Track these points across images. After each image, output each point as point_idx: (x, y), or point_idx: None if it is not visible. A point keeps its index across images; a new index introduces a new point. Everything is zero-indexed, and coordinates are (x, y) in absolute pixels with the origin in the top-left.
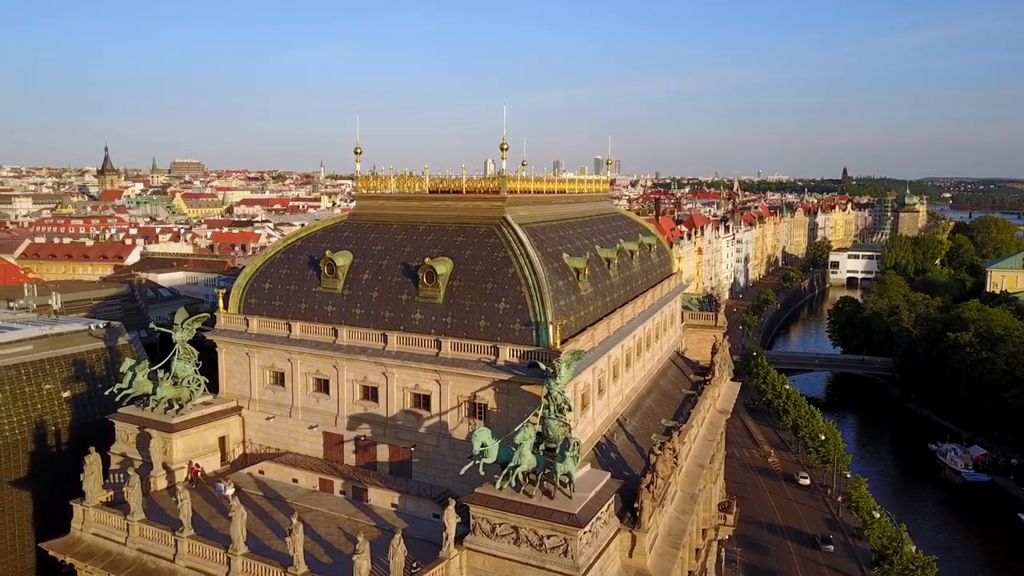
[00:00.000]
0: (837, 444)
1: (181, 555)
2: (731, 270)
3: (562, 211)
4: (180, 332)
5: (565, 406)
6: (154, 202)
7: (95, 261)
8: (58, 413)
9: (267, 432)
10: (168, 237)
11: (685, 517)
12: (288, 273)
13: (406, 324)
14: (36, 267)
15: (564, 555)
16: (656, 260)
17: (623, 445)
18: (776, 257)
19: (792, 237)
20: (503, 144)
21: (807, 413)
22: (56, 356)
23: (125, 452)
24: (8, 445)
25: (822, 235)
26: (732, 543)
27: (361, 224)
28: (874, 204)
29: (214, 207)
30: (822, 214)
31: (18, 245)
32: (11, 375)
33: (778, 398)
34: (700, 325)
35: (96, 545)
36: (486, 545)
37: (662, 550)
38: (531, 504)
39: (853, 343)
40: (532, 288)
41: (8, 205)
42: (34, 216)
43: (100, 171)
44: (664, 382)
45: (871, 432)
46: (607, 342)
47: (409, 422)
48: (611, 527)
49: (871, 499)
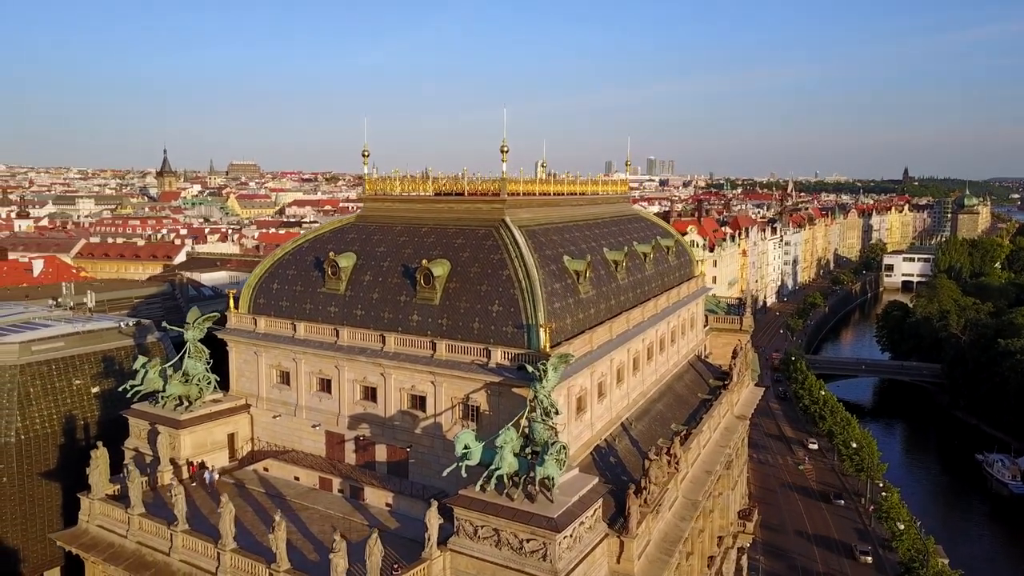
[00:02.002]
0: (872, 452)
1: (176, 549)
2: (778, 272)
3: (571, 213)
4: (191, 331)
5: (552, 409)
6: (208, 203)
7: (145, 260)
8: (87, 408)
9: (274, 430)
10: (216, 237)
11: (684, 524)
12: (295, 274)
13: (404, 325)
14: (90, 266)
15: (543, 559)
16: (675, 263)
17: (625, 449)
18: (827, 260)
19: (845, 239)
20: (503, 147)
21: (843, 420)
22: (86, 353)
23: (138, 447)
24: (39, 438)
25: (876, 237)
26: (757, 551)
27: (367, 226)
28: (933, 205)
29: (267, 208)
30: (877, 215)
31: (75, 244)
32: (42, 370)
33: (815, 404)
34: (725, 329)
35: (100, 537)
36: (469, 547)
37: (654, 557)
38: (511, 507)
39: (901, 348)
40: (524, 290)
41: (72, 206)
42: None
43: (159, 173)
44: (679, 386)
45: (918, 440)
46: (608, 345)
47: (406, 423)
48: (597, 532)
49: (903, 509)
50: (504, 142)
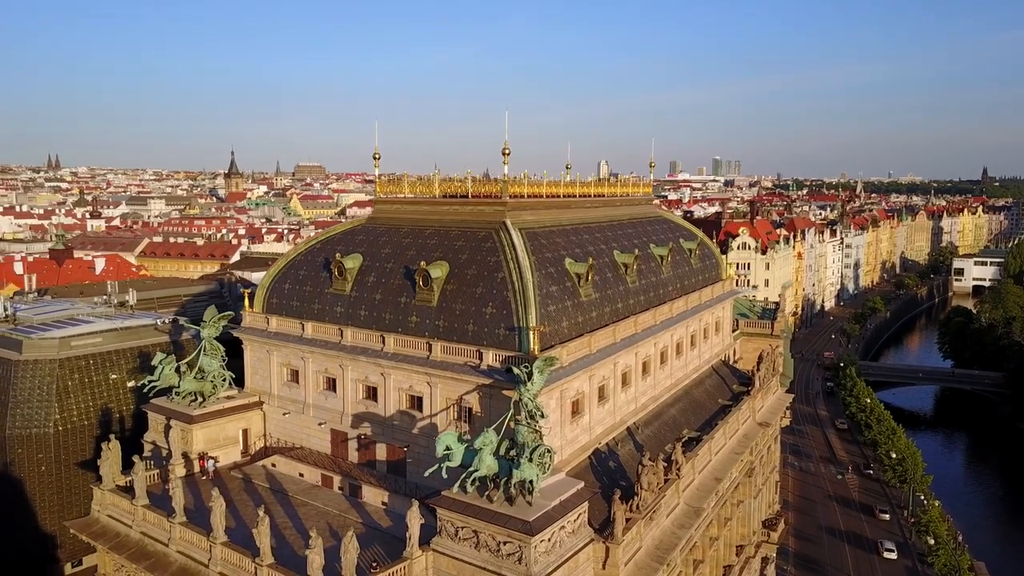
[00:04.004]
0: (916, 464)
1: (173, 540)
2: (837, 276)
3: (583, 216)
4: (207, 328)
5: (537, 412)
6: (272, 204)
7: (204, 259)
8: (122, 401)
9: (284, 427)
10: (272, 237)
11: (682, 532)
12: (305, 274)
13: (404, 326)
14: (151, 264)
15: (519, 562)
16: (698, 265)
17: (628, 454)
18: (893, 263)
19: (913, 242)
20: (504, 149)
21: (888, 430)
22: (123, 348)
23: (155, 440)
24: (76, 429)
25: (947, 240)
26: (788, 561)
27: (376, 228)
28: (1011, 207)
29: (328, 208)
30: (948, 217)
31: (139, 244)
32: (81, 365)
33: (862, 412)
34: (756, 333)
35: (109, 526)
36: (450, 548)
37: (644, 564)
38: (489, 509)
39: (963, 356)
40: (517, 292)
41: (144, 206)
42: (164, 216)
43: (227, 174)
44: (699, 392)
45: (979, 453)
46: (610, 349)
47: (404, 422)
48: (581, 537)
49: (942, 523)
50: (506, 144)
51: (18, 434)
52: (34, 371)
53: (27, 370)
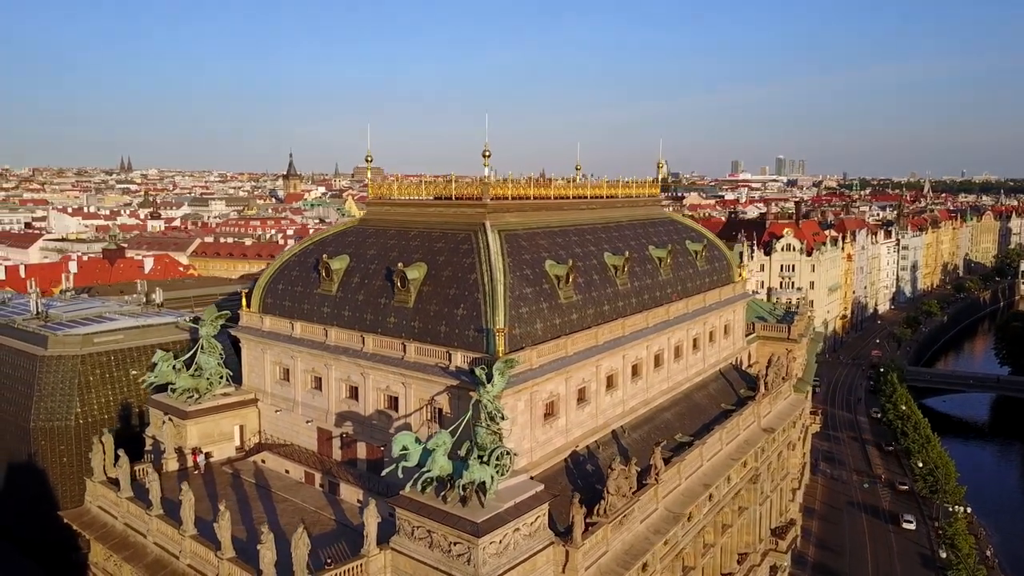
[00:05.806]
0: (948, 474)
1: (151, 532)
2: (892, 279)
3: (575, 217)
4: (205, 327)
5: (497, 414)
6: (327, 204)
7: (251, 259)
8: (141, 396)
9: (277, 424)
10: None
11: (656, 537)
12: (298, 275)
13: (383, 327)
14: (201, 264)
15: (467, 563)
16: (705, 267)
17: (609, 458)
18: (955, 265)
19: (979, 244)
20: (485, 151)
21: (923, 438)
22: (143, 345)
23: (155, 435)
24: (96, 423)
25: (1016, 242)
26: (806, 570)
27: (365, 229)
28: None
29: None
30: (1017, 218)
31: (191, 244)
32: (102, 360)
33: (899, 419)
34: (772, 337)
35: (98, 517)
36: (407, 547)
37: (609, 569)
38: (441, 510)
39: (1021, 363)
40: (487, 294)
41: (205, 207)
42: (223, 217)
43: (285, 176)
44: (700, 396)
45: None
46: (590, 351)
47: (382, 422)
48: (539, 540)
49: (969, 538)
50: (486, 146)
51: (42, 426)
52: (58, 366)
53: (51, 365)
